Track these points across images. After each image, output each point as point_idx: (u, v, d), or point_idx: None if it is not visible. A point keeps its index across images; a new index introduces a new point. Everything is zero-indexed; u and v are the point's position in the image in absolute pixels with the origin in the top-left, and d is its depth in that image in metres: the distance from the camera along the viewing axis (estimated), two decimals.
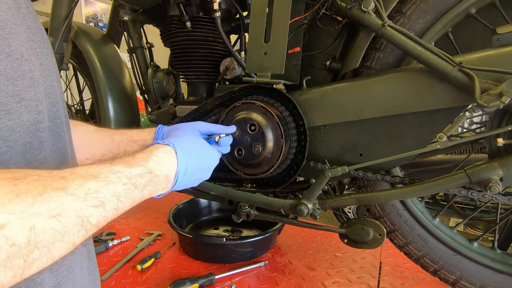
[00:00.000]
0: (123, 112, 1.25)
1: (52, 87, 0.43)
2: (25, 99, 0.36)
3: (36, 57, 0.40)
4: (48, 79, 0.43)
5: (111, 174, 0.38)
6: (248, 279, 0.99)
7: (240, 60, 0.97)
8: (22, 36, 0.37)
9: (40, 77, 0.40)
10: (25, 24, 0.39)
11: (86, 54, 1.24)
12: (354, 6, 0.71)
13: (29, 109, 0.37)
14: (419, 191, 0.67)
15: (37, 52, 0.41)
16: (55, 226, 0.29)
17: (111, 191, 0.36)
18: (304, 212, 0.74)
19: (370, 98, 0.72)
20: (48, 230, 0.29)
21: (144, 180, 0.42)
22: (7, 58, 0.34)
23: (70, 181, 0.33)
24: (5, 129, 0.34)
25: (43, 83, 0.41)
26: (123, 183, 0.38)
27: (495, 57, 0.61)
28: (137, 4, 1.11)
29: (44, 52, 0.43)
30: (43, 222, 0.28)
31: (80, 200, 0.32)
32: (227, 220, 1.34)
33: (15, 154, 0.35)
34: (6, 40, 0.34)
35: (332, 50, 0.85)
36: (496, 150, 0.71)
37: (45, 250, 0.29)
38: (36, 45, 0.41)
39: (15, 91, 0.35)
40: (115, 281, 0.97)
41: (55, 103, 0.44)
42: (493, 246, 0.76)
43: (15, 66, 0.35)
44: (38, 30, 0.42)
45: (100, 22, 3.53)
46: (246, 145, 0.77)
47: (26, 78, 0.37)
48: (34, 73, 0.38)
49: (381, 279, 0.99)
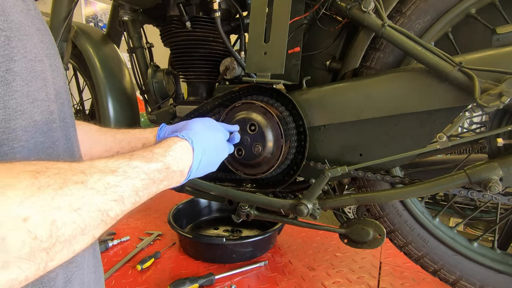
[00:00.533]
0: (123, 112, 1.25)
1: (60, 88, 0.44)
2: (38, 100, 0.37)
3: (46, 58, 0.41)
4: (57, 80, 0.43)
5: (130, 169, 0.38)
6: (248, 279, 0.99)
7: (240, 60, 0.97)
8: (34, 38, 0.38)
9: (51, 77, 0.41)
10: (35, 26, 0.40)
11: (86, 54, 1.24)
12: (354, 6, 0.71)
13: (42, 109, 0.38)
14: (419, 191, 0.67)
15: (47, 53, 0.41)
16: (75, 220, 0.29)
17: (130, 186, 0.37)
18: (304, 212, 0.74)
19: (370, 98, 0.72)
20: (69, 223, 0.29)
21: (162, 175, 0.43)
22: (22, 59, 0.35)
23: (89, 175, 0.33)
24: (20, 129, 0.34)
25: (52, 83, 0.41)
26: (141, 179, 0.39)
27: (495, 57, 0.61)
28: (137, 4, 1.11)
29: (52, 53, 0.43)
30: (64, 216, 0.28)
31: (100, 194, 0.32)
32: (227, 220, 1.34)
33: (28, 153, 0.36)
34: (22, 42, 0.35)
35: (332, 50, 0.85)
36: (496, 150, 0.71)
37: (67, 243, 0.29)
38: (46, 46, 0.41)
39: (29, 91, 0.36)
40: (115, 281, 0.97)
41: (63, 104, 0.45)
42: (493, 246, 0.76)
43: (30, 67, 0.36)
44: (46, 31, 0.43)
45: (100, 22, 3.53)
46: (246, 145, 0.77)
47: (39, 79, 0.37)
48: (46, 74, 0.39)
49: (381, 279, 0.99)
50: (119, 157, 0.39)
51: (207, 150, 0.54)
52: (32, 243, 0.26)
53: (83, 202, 0.30)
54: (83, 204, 0.30)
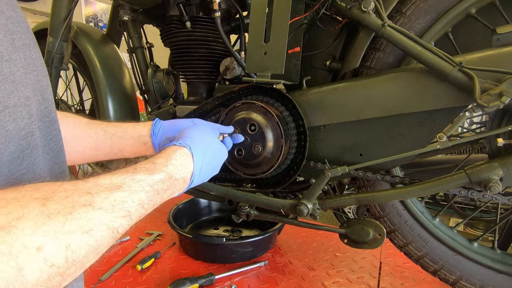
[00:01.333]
0: (123, 112, 1.25)
1: (38, 82, 0.41)
2: (9, 106, 0.34)
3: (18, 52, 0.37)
4: (33, 74, 0.40)
5: (134, 183, 0.38)
6: (248, 279, 0.99)
7: (240, 60, 0.97)
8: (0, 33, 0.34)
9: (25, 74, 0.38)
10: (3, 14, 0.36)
11: (86, 54, 1.24)
12: (354, 6, 0.71)
13: (14, 116, 0.35)
14: (419, 191, 0.67)
15: (19, 45, 0.38)
16: (89, 241, 0.30)
17: (135, 200, 0.37)
18: (304, 212, 0.74)
19: (370, 98, 0.72)
20: (83, 246, 0.29)
21: (165, 185, 0.43)
22: None
23: (96, 195, 0.33)
24: None
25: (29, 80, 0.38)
26: (146, 191, 0.39)
27: (495, 57, 0.61)
28: (137, 4, 1.11)
29: (27, 44, 0.39)
30: (77, 239, 0.29)
31: (108, 212, 0.33)
32: (227, 220, 1.34)
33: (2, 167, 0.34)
34: None
35: (332, 50, 0.85)
36: (496, 150, 0.71)
37: (80, 264, 0.30)
38: (17, 36, 0.37)
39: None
40: (115, 281, 0.97)
41: (43, 99, 0.42)
42: (493, 246, 0.76)
43: None
44: (17, 18, 0.38)
45: (100, 22, 3.53)
46: (246, 145, 0.77)
47: (8, 82, 0.34)
48: (15, 75, 0.35)
49: (381, 279, 0.99)
50: (123, 171, 0.39)
51: (206, 154, 0.54)
52: (49, 271, 0.26)
53: (93, 223, 0.31)
54: (93, 225, 0.31)
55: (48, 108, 0.43)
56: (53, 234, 0.27)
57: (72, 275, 0.29)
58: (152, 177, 0.41)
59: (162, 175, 0.43)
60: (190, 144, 0.51)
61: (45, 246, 0.26)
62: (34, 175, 0.38)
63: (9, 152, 0.35)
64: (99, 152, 0.65)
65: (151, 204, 0.40)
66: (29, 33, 0.41)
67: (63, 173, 0.47)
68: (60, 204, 0.29)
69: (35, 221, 0.26)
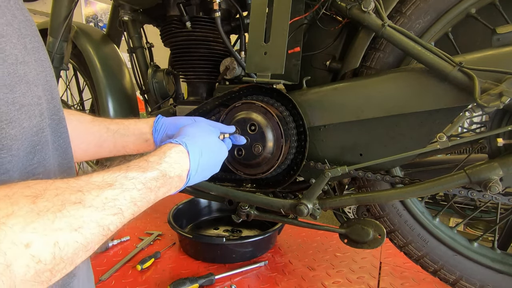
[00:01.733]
0: (123, 112, 1.25)
1: (47, 83, 0.43)
2: (25, 105, 0.36)
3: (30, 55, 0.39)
4: (43, 74, 0.42)
5: (127, 180, 0.38)
6: (248, 279, 0.99)
7: (240, 60, 0.97)
8: (14, 37, 0.36)
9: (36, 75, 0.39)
10: (16, 19, 0.37)
11: (86, 54, 1.24)
12: (354, 6, 0.71)
13: (29, 114, 0.37)
14: (419, 191, 0.67)
15: (30, 48, 0.39)
16: (77, 239, 0.30)
17: (127, 198, 0.37)
18: (304, 212, 0.74)
19: (370, 98, 0.72)
20: (72, 243, 0.30)
21: (159, 183, 0.43)
22: (2, 64, 0.33)
23: (87, 193, 0.33)
24: (9, 138, 0.34)
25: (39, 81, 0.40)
26: (138, 189, 0.39)
27: (495, 57, 0.61)
28: (137, 4, 1.11)
29: (36, 46, 0.41)
30: (66, 236, 0.29)
31: (99, 210, 0.33)
32: (227, 220, 1.34)
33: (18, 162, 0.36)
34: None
35: (332, 50, 0.85)
36: (496, 150, 0.71)
37: (69, 260, 0.30)
38: (28, 39, 0.39)
39: (15, 98, 0.35)
40: (115, 281, 0.97)
41: (52, 98, 0.43)
42: (493, 246, 0.76)
43: (12, 72, 0.34)
44: (27, 22, 0.40)
45: (100, 22, 3.53)
46: (246, 145, 0.77)
47: (23, 83, 0.36)
48: (29, 76, 0.37)
49: (381, 279, 0.99)
50: (116, 169, 0.39)
51: (204, 152, 0.53)
52: (36, 267, 0.27)
53: (83, 221, 0.31)
54: (83, 223, 0.31)
55: (56, 107, 0.45)
56: (42, 231, 0.27)
57: (62, 271, 0.30)
58: (145, 175, 0.41)
59: (155, 173, 0.43)
60: (186, 142, 0.51)
61: (33, 243, 0.27)
62: (44, 169, 0.40)
63: (24, 147, 0.36)
64: (102, 149, 0.66)
65: (145, 202, 0.40)
66: (37, 36, 0.43)
67: (71, 169, 0.48)
68: (50, 202, 0.30)
69: (24, 218, 0.27)
